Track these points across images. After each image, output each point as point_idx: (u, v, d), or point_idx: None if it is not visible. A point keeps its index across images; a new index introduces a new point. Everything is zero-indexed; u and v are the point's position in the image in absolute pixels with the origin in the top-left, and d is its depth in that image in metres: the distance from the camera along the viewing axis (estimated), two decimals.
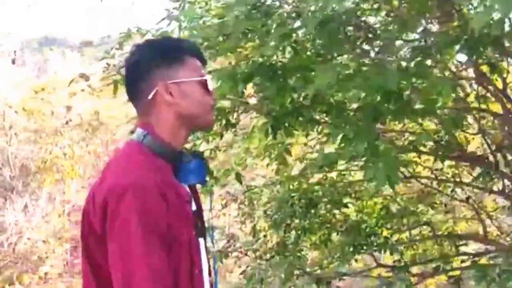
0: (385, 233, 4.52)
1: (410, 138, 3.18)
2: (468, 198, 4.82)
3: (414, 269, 4.26)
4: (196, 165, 1.51)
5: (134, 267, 1.31)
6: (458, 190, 4.87)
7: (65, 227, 11.44)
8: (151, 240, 1.33)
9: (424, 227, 4.81)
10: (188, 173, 1.50)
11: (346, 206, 4.33)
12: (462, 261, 3.79)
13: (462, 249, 4.00)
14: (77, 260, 13.10)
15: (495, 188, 3.99)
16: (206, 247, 1.54)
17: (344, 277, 4.05)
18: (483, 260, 3.91)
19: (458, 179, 4.46)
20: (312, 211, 4.38)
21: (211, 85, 1.60)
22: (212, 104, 1.58)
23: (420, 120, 2.69)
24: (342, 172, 4.74)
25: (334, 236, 4.44)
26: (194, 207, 1.52)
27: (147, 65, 1.51)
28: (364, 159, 1.98)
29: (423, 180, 4.55)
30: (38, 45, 29.92)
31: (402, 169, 3.99)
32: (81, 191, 12.59)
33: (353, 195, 4.83)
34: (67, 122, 10.20)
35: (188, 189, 1.51)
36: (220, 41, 2.35)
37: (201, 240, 1.51)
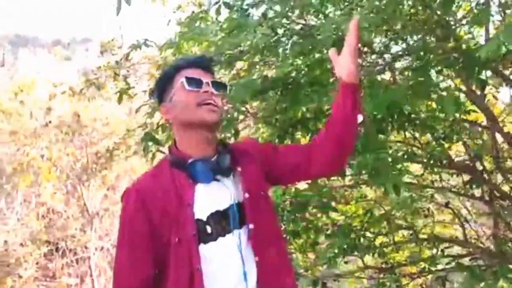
0: (369, 236, 4.69)
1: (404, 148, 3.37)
2: (447, 203, 5.04)
3: (400, 271, 4.46)
4: (201, 168, 1.64)
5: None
6: (436, 195, 5.10)
7: (42, 230, 11.31)
8: (123, 238, 1.66)
9: (406, 231, 5.01)
10: (196, 175, 1.65)
11: (335, 210, 4.48)
12: (447, 263, 4.01)
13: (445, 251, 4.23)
14: (51, 264, 12.95)
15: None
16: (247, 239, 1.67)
17: (338, 279, 4.22)
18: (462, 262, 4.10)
19: (438, 185, 4.67)
20: (298, 215, 4.52)
21: (195, 81, 1.66)
22: (198, 100, 1.64)
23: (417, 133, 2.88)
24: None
25: (321, 240, 4.59)
26: (213, 208, 1.65)
27: (156, 96, 1.78)
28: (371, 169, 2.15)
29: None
30: (9, 44, 29.38)
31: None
32: (56, 193, 12.45)
33: (339, 199, 5.02)
34: (46, 124, 10.11)
35: (195, 190, 1.63)
36: (236, 56, 2.49)
37: (228, 236, 1.65)
